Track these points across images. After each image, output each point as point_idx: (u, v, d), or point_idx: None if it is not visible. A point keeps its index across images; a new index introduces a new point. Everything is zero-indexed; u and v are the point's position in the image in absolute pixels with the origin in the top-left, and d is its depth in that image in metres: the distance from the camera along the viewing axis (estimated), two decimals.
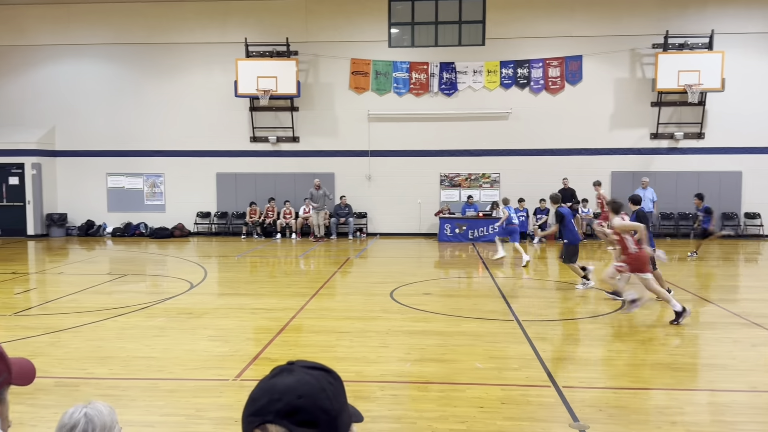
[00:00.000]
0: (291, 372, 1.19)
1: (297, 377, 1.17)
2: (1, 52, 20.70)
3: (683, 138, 19.31)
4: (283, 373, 1.18)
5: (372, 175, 20.08)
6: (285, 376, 1.18)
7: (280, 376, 1.18)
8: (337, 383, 1.21)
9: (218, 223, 20.60)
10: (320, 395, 1.16)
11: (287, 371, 1.19)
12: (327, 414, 1.15)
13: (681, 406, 5.40)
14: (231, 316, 8.89)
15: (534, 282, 12.20)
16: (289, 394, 1.14)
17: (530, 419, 5.09)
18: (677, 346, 7.35)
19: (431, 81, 19.81)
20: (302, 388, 1.15)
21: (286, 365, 1.21)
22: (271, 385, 1.16)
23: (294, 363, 1.22)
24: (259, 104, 19.64)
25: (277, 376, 1.18)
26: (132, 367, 6.50)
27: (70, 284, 11.73)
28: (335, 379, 1.22)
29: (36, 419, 5.05)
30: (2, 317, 8.85)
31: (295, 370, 1.19)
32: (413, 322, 8.42)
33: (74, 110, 20.66)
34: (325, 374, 1.21)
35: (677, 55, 18.75)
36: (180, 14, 20.18)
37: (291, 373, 1.18)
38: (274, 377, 1.18)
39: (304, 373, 1.18)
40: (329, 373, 1.22)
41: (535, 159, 19.73)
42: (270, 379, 1.18)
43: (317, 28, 19.93)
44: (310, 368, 1.21)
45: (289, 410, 1.12)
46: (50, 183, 20.71)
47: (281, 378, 1.17)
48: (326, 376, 1.20)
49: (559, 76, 19.54)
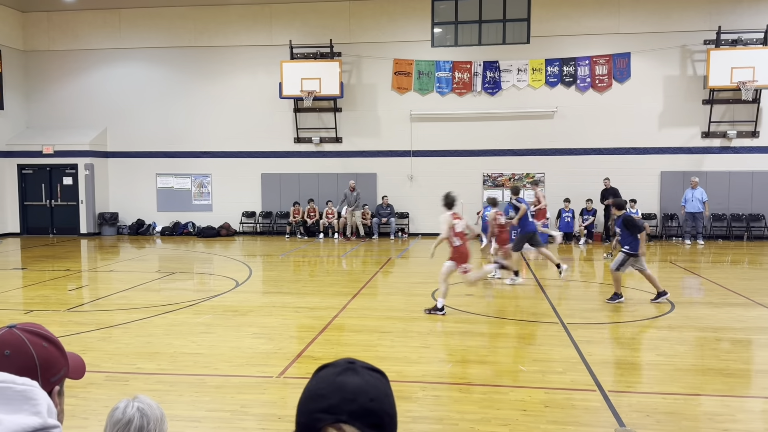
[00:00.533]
0: (356, 372, 1.18)
1: (364, 379, 1.17)
2: (56, 57, 21.46)
3: (736, 137, 18.69)
4: (348, 372, 1.17)
5: (414, 175, 20.05)
6: (351, 375, 1.17)
7: (346, 375, 1.17)
8: (390, 387, 1.22)
9: (263, 223, 20.89)
10: (386, 399, 1.17)
11: (352, 371, 1.18)
12: (391, 418, 1.16)
13: (733, 413, 5.23)
14: (275, 314, 9.01)
15: (580, 284, 11.99)
16: (362, 396, 1.14)
17: (575, 423, 5.01)
18: (729, 352, 7.12)
19: (474, 80, 19.67)
20: (372, 390, 1.15)
21: (348, 363, 1.20)
22: (340, 383, 1.16)
23: (354, 362, 1.21)
24: (302, 105, 19.84)
25: (343, 374, 1.17)
26: (179, 362, 6.65)
27: (120, 281, 12.07)
28: (389, 382, 1.23)
29: (87, 412, 5.21)
30: (56, 313, 9.17)
31: (359, 371, 1.18)
32: (455, 323, 8.38)
33: (125, 112, 21.27)
34: (383, 377, 1.21)
35: (730, 51, 18.15)
36: (226, 18, 20.55)
37: (356, 374, 1.17)
38: (340, 375, 1.17)
39: (368, 375, 1.18)
40: (384, 376, 1.22)
41: (581, 158, 19.38)
42: (337, 376, 1.17)
43: (360, 29, 20.02)
44: (370, 369, 1.20)
45: (362, 412, 1.12)
46: (102, 183, 21.35)
47: (348, 377, 1.16)
48: (384, 380, 1.21)
49: (606, 74, 19.15)
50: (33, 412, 1.18)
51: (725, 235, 18.83)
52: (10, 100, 20.78)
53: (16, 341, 1.37)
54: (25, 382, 1.22)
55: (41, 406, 1.20)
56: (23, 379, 1.23)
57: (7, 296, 10.58)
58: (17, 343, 1.37)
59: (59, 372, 1.43)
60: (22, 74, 21.48)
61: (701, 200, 17.55)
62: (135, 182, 21.39)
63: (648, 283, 9.84)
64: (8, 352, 1.35)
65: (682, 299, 10.10)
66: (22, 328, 1.41)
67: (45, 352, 1.40)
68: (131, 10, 20.96)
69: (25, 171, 21.04)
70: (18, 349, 1.36)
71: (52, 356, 1.41)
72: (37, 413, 1.19)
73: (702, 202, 17.55)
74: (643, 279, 10.00)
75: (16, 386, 1.20)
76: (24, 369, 1.33)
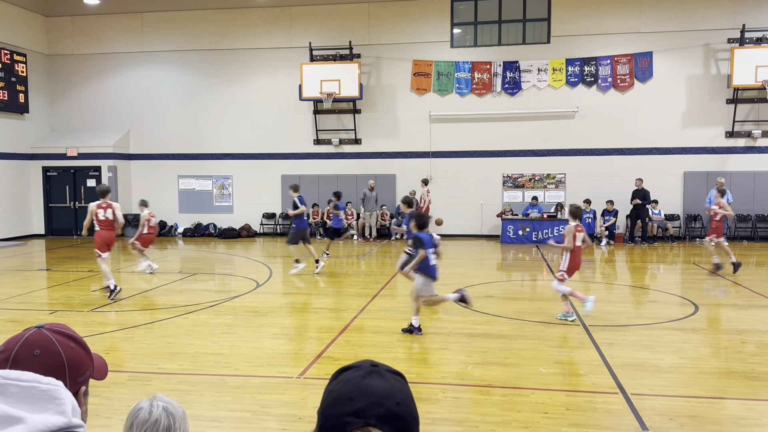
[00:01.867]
0: (381, 375, 1.18)
1: (390, 383, 1.17)
2: (79, 61, 21.79)
3: (761, 136, 18.39)
4: (373, 375, 1.18)
5: (433, 176, 20.02)
6: (376, 378, 1.17)
7: (371, 378, 1.17)
8: (410, 390, 1.23)
9: (283, 224, 21.00)
10: (411, 403, 1.18)
11: (377, 374, 1.18)
12: (416, 421, 1.17)
13: (758, 417, 5.14)
14: (295, 315, 9.05)
15: (601, 286, 11.88)
16: (389, 400, 1.14)
17: (596, 426, 4.96)
18: (754, 354, 7.00)
19: (494, 81, 19.59)
20: (398, 395, 1.16)
21: (371, 366, 1.21)
22: (366, 386, 1.16)
23: (378, 365, 1.21)
24: (322, 107, 19.92)
25: (369, 377, 1.17)
26: (200, 363, 6.71)
27: (142, 282, 12.21)
28: (408, 384, 1.23)
29: (111, 411, 5.28)
30: (80, 313, 9.30)
31: (384, 374, 1.19)
32: (475, 325, 8.35)
33: (147, 115, 21.52)
34: (404, 380, 1.22)
35: (755, 49, 17.86)
36: (247, 21, 20.71)
37: (381, 377, 1.18)
38: (365, 378, 1.17)
39: (393, 378, 1.19)
40: (404, 378, 1.23)
41: (602, 159, 19.20)
42: (362, 379, 1.17)
43: (380, 31, 20.05)
44: (392, 373, 1.21)
45: (390, 416, 1.13)
46: (125, 185, 21.63)
47: (374, 380, 1.17)
48: (406, 383, 1.21)
49: (628, 74, 18.95)
50: (58, 412, 1.20)
51: (750, 236, 18.53)
52: (35, 104, 21.13)
53: (45, 341, 1.39)
54: (50, 382, 1.24)
55: (66, 405, 1.22)
56: (48, 378, 1.25)
57: (33, 297, 10.76)
58: (46, 343, 1.39)
59: (86, 372, 1.46)
60: (47, 78, 21.84)
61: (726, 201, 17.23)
62: (157, 184, 21.62)
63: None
64: (38, 351, 1.37)
65: (706, 301, 9.96)
66: (50, 328, 1.43)
67: (73, 352, 1.42)
68: (154, 14, 21.21)
69: (49, 173, 21.38)
70: (47, 349, 1.38)
71: (79, 356, 1.44)
72: (62, 413, 1.20)
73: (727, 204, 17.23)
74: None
75: (41, 386, 1.22)
76: (53, 369, 1.35)
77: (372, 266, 14.51)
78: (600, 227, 18.35)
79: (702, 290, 10.98)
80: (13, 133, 20.36)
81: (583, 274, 12.93)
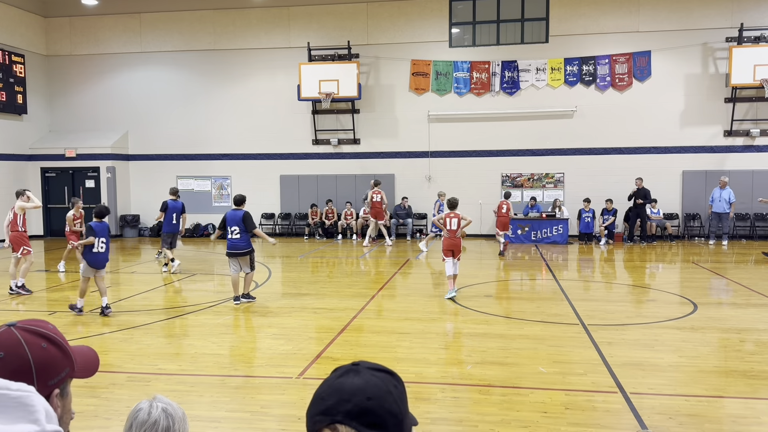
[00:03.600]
0: (358, 373, 1.18)
1: (364, 379, 1.17)
2: (77, 61, 21.77)
3: (760, 135, 18.40)
4: (349, 374, 1.18)
5: (432, 176, 20.02)
6: (352, 376, 1.18)
7: (347, 377, 1.18)
8: (400, 386, 1.22)
9: (282, 224, 20.99)
10: (387, 398, 1.16)
11: (353, 372, 1.19)
12: (394, 417, 1.15)
13: (758, 415, 5.15)
14: (294, 316, 9.05)
15: (600, 285, 11.89)
16: (358, 396, 1.14)
17: (596, 426, 4.96)
18: (753, 353, 7.01)
19: (493, 80, 19.59)
20: (371, 390, 1.15)
21: (352, 365, 1.21)
22: (339, 384, 1.17)
23: (359, 364, 1.22)
24: (320, 107, 19.92)
25: (344, 376, 1.18)
26: (200, 363, 6.71)
27: (142, 283, 12.20)
28: (399, 382, 1.22)
29: (110, 412, 5.28)
30: (79, 314, 9.27)
31: (362, 372, 1.19)
32: (474, 325, 8.35)
33: (146, 115, 21.50)
34: (390, 377, 1.21)
35: (753, 48, 17.88)
36: (245, 21, 20.70)
37: (358, 374, 1.18)
38: (340, 377, 1.18)
39: (371, 374, 1.19)
40: (393, 375, 1.22)
41: (601, 158, 19.21)
42: (337, 378, 1.18)
43: (378, 31, 20.05)
44: (376, 370, 1.21)
45: (358, 412, 1.13)
46: (124, 185, 21.61)
47: (348, 378, 1.17)
48: (391, 379, 1.20)
49: (626, 73, 18.97)
50: (30, 420, 1.13)
51: (749, 234, 18.55)
52: (33, 105, 21.11)
53: (12, 342, 1.29)
54: (21, 388, 1.16)
55: (39, 413, 1.14)
56: (18, 384, 1.17)
57: (32, 298, 10.75)
58: (12, 344, 1.29)
59: (59, 374, 1.36)
60: (45, 79, 21.82)
61: (728, 201, 17.30)
62: (156, 184, 21.60)
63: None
64: (2, 354, 1.27)
65: (705, 300, 9.97)
66: (21, 327, 1.33)
67: (43, 353, 1.32)
68: (152, 15, 21.20)
69: (48, 174, 21.36)
70: (12, 351, 1.29)
71: (51, 357, 1.33)
72: (35, 421, 1.13)
73: (729, 203, 17.30)
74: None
75: (10, 392, 1.14)
76: (17, 373, 1.26)
77: (371, 266, 14.51)
78: (599, 226, 18.36)
79: (701, 289, 10.98)
80: (11, 134, 20.33)
81: (583, 273, 12.94)
